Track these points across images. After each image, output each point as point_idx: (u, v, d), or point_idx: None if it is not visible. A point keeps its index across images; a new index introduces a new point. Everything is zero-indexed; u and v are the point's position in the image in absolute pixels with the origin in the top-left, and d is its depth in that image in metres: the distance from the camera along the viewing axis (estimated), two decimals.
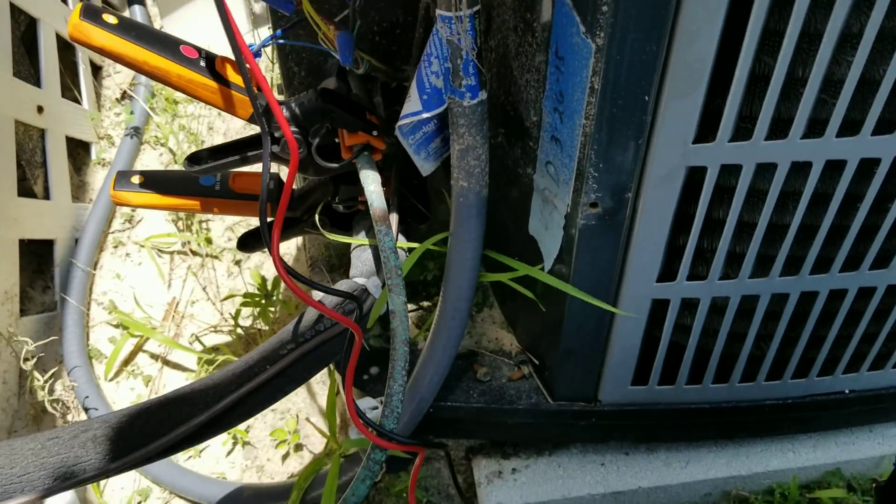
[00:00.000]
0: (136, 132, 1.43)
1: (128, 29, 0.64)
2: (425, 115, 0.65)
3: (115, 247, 1.32)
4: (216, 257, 1.28)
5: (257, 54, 0.67)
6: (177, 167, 1.42)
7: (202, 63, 0.67)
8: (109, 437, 0.67)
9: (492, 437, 0.91)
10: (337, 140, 0.74)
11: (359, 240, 0.80)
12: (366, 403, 0.83)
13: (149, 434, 0.68)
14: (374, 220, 0.69)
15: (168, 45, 0.66)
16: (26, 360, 1.05)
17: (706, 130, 0.58)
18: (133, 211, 1.36)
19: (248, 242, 0.89)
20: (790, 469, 0.89)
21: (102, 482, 1.05)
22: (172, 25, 1.58)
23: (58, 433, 0.68)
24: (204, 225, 1.32)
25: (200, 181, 0.82)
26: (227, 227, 1.32)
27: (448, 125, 0.67)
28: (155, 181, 0.81)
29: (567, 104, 0.60)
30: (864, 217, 0.64)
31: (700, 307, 0.72)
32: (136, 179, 0.81)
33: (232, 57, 0.66)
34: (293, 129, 0.72)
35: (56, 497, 0.96)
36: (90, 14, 0.63)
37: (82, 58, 1.47)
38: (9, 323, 1.08)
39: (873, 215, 0.65)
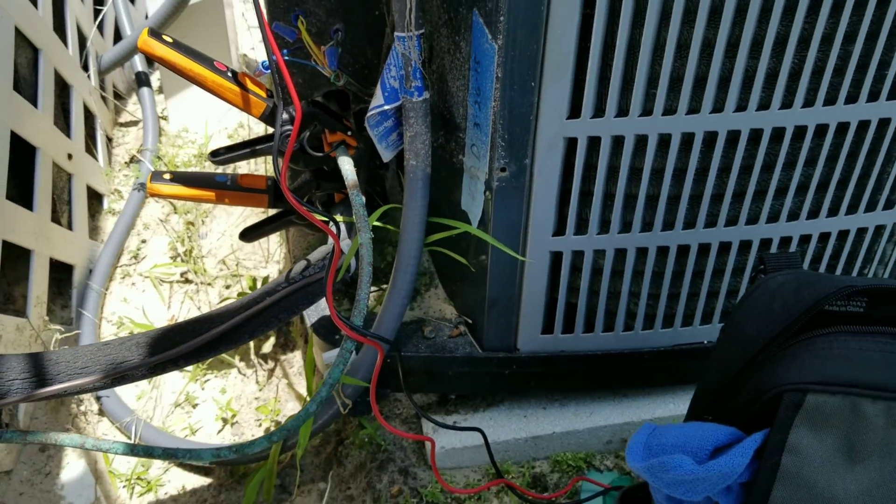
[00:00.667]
0: (142, 187, 1.69)
1: (180, 46, 0.92)
2: (386, 107, 0.92)
3: (123, 277, 1.55)
4: (210, 284, 1.51)
5: (266, 68, 0.95)
6: (176, 217, 1.67)
7: (229, 74, 0.95)
8: (148, 343, 0.89)
9: (436, 390, 1.13)
10: (321, 137, 1.01)
11: (339, 218, 1.05)
12: (335, 353, 1.06)
13: (178, 341, 0.90)
14: (349, 188, 0.95)
15: (206, 60, 0.94)
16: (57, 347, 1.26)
17: (577, 111, 0.87)
18: (138, 249, 1.59)
19: (248, 234, 1.14)
20: (672, 416, 1.12)
21: (112, 456, 1.23)
22: (176, 106, 1.88)
23: (109, 342, 0.90)
24: (200, 259, 1.55)
25: (216, 178, 1.07)
26: (218, 260, 1.56)
27: (403, 122, 0.95)
28: (181, 178, 1.07)
29: (483, 94, 0.88)
30: (690, 185, 0.92)
31: (584, 261, 0.98)
32: (167, 176, 1.06)
33: (249, 72, 0.94)
34: (288, 127, 0.99)
35: (69, 468, 1.15)
36: (154, 34, 0.91)
37: (100, 124, 1.75)
38: (38, 323, 1.29)
39: (699, 184, 0.92)
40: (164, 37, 0.91)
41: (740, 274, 1.00)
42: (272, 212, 1.14)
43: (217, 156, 1.00)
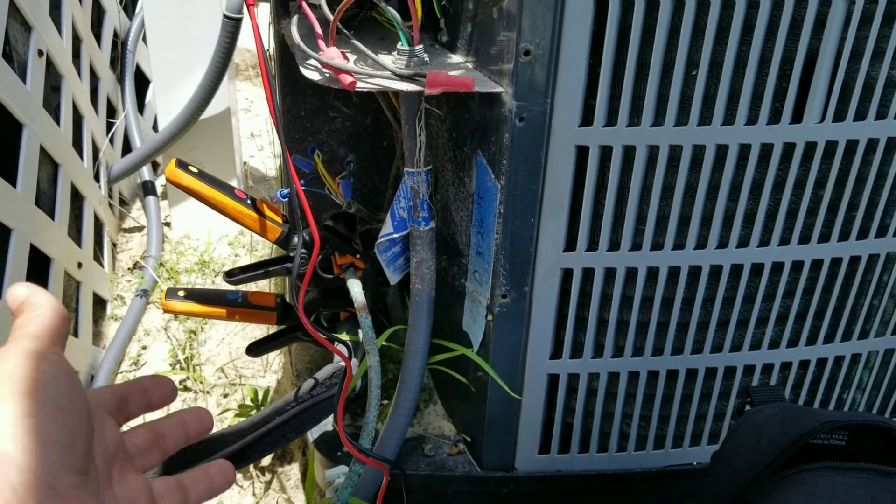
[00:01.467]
0: (145, 294, 1.74)
1: (204, 176, 0.99)
2: (395, 235, 0.99)
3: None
4: (208, 392, 1.54)
5: (284, 196, 1.02)
6: (175, 324, 1.71)
7: (248, 201, 1.01)
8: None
9: None
10: (331, 259, 1.08)
11: (344, 337, 1.10)
12: (339, 470, 1.09)
13: (191, 461, 0.93)
14: (357, 310, 1.01)
15: (227, 188, 1.00)
16: None
17: (572, 243, 0.93)
18: (139, 355, 1.63)
19: (254, 349, 1.18)
20: None
21: None
22: (179, 212, 1.95)
23: None
24: (198, 367, 1.59)
25: (228, 296, 1.13)
26: (216, 368, 1.59)
27: (409, 248, 1.02)
28: (194, 295, 1.12)
29: (485, 226, 0.94)
30: (678, 313, 0.98)
31: (580, 383, 1.02)
32: (181, 293, 1.11)
33: (260, 193, 1.01)
34: (302, 251, 1.05)
35: None
36: (181, 165, 0.98)
37: (107, 231, 1.81)
38: None
39: (685, 312, 0.98)
40: (191, 167, 0.98)
41: (726, 398, 1.05)
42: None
43: (232, 276, 1.06)
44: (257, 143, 2.30)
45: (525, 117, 0.85)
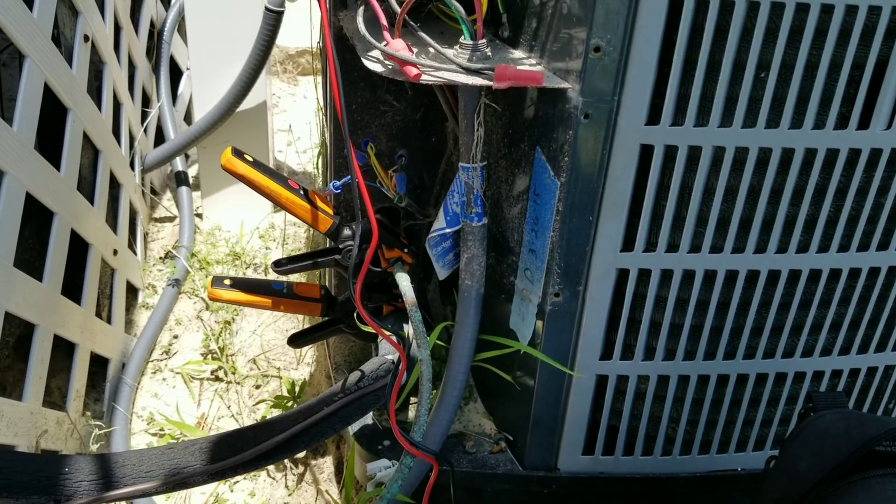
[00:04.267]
0: (177, 283, 1.74)
1: (258, 165, 0.99)
2: (448, 230, 0.98)
3: (154, 372, 1.57)
4: (239, 384, 1.54)
5: (337, 188, 1.01)
6: (207, 314, 1.71)
7: (301, 192, 1.01)
8: (211, 449, 0.92)
9: None
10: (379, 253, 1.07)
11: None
12: (381, 463, 1.08)
13: (238, 449, 0.92)
14: (407, 305, 1.00)
15: (281, 178, 1.00)
16: (94, 443, 1.27)
17: (629, 244, 0.92)
18: (170, 344, 1.62)
19: (297, 339, 1.18)
20: None
21: None
22: (212, 204, 1.95)
23: (174, 445, 0.92)
24: (230, 357, 1.58)
25: (273, 286, 1.12)
26: (248, 359, 1.59)
27: (460, 244, 1.01)
28: (240, 284, 1.11)
29: (540, 224, 0.94)
30: (732, 318, 0.97)
31: (628, 385, 1.02)
32: (227, 282, 1.11)
33: (318, 191, 1.01)
34: (349, 244, 1.04)
35: None
36: (237, 153, 0.98)
37: (141, 221, 1.81)
38: (76, 417, 1.31)
39: (740, 317, 0.97)
40: (246, 156, 0.98)
41: (775, 404, 1.04)
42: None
43: (280, 266, 1.05)
44: (285, 139, 2.30)
45: (590, 114, 0.84)
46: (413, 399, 1.19)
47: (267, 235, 1.93)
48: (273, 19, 1.62)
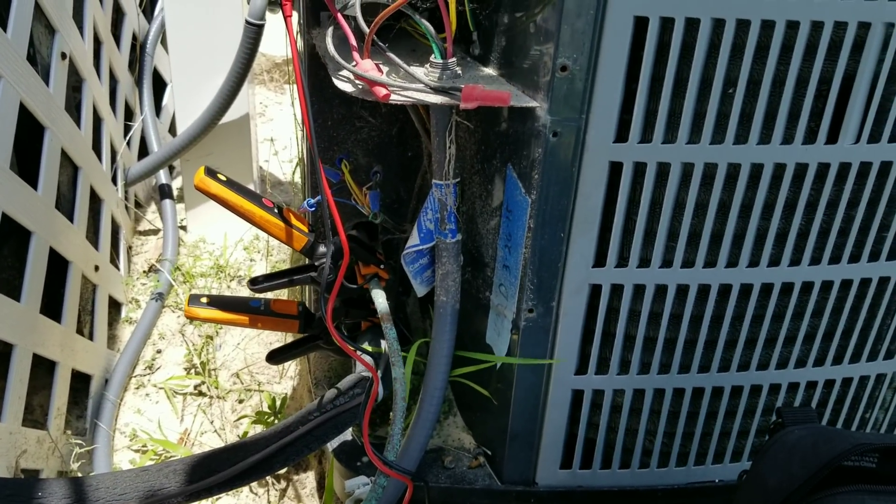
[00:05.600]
0: (160, 297, 1.73)
1: (232, 184, 0.99)
2: (422, 247, 0.99)
3: (137, 388, 1.57)
4: (223, 398, 1.54)
5: (311, 206, 1.01)
6: (191, 328, 1.70)
7: (275, 210, 1.01)
8: (186, 471, 0.92)
9: None
10: (355, 269, 1.07)
11: (364, 347, 1.10)
12: (359, 480, 1.08)
13: (213, 470, 0.92)
14: (382, 321, 1.00)
15: (255, 197, 1.00)
16: (75, 461, 1.27)
17: (602, 259, 0.93)
18: (153, 359, 1.62)
19: (275, 356, 1.18)
20: None
21: None
22: (196, 216, 1.95)
23: (148, 467, 0.92)
24: (213, 372, 1.58)
25: (250, 303, 1.12)
26: (231, 373, 1.59)
27: (436, 260, 1.01)
28: (218, 302, 1.11)
29: (513, 240, 0.94)
30: (706, 331, 0.97)
31: (604, 399, 1.02)
32: (204, 300, 1.11)
33: (293, 209, 1.01)
34: (324, 261, 1.04)
35: None
36: (210, 172, 0.98)
37: (123, 235, 1.80)
38: (57, 435, 1.31)
39: (714, 330, 0.98)
40: (219, 175, 0.98)
41: (751, 416, 1.05)
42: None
43: (256, 284, 1.05)
44: (271, 148, 2.30)
45: (559, 132, 0.84)
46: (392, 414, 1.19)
47: (251, 247, 1.93)
48: (253, 32, 1.62)
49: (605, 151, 0.86)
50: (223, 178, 0.98)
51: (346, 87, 0.87)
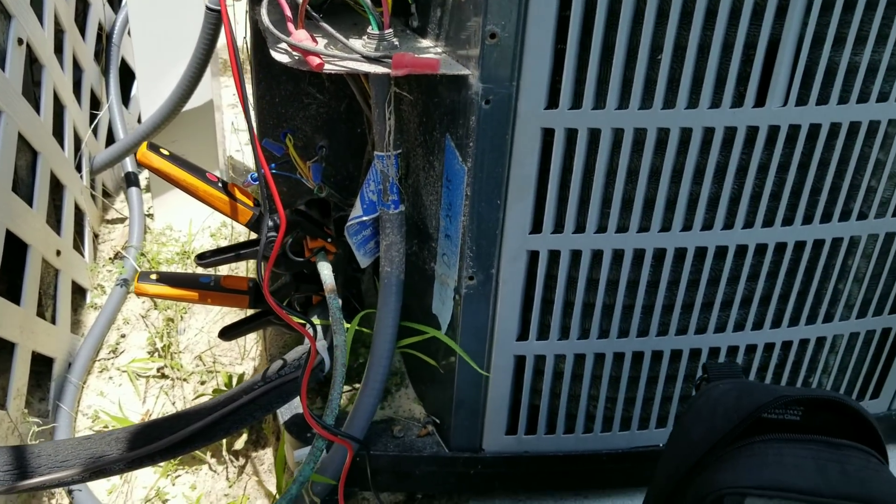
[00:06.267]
0: (125, 283, 1.74)
1: (175, 159, 1.00)
2: (364, 218, 1.00)
3: (101, 371, 1.58)
4: (185, 380, 1.55)
5: (255, 180, 1.02)
6: (156, 313, 1.71)
7: (220, 184, 1.02)
8: (126, 439, 0.93)
9: (404, 489, 1.16)
10: (303, 243, 1.09)
11: (316, 320, 1.11)
12: (306, 451, 1.10)
13: (155, 437, 0.94)
14: (326, 292, 1.02)
15: (199, 171, 1.01)
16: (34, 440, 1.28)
17: (538, 226, 0.94)
18: (117, 343, 1.63)
19: (227, 332, 1.19)
20: None
21: None
22: (162, 204, 1.95)
23: (89, 436, 0.93)
24: (177, 354, 1.59)
25: (200, 279, 1.13)
26: (195, 355, 1.60)
27: (380, 232, 1.03)
28: (167, 278, 1.12)
29: (453, 209, 0.96)
30: (643, 296, 0.99)
31: (546, 365, 1.04)
32: (153, 276, 1.12)
33: (238, 183, 1.02)
34: (271, 234, 1.06)
35: None
36: (153, 147, 0.99)
37: (88, 221, 1.81)
38: (17, 416, 1.32)
39: (651, 295, 1.00)
40: (162, 150, 0.99)
41: (691, 380, 1.07)
42: (251, 311, 1.20)
43: (203, 258, 1.07)
44: (243, 138, 2.31)
45: (491, 100, 0.86)
46: (346, 388, 1.21)
47: (218, 234, 1.93)
48: (214, 19, 1.63)
49: (537, 118, 0.87)
50: (166, 153, 0.99)
51: (283, 59, 0.88)
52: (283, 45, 0.90)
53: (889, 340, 1.13)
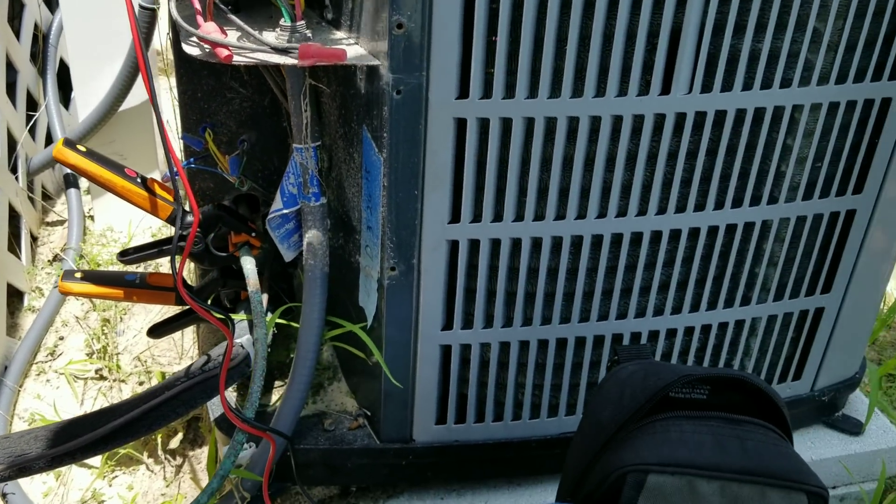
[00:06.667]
0: None
1: (93, 155, 0.99)
2: (285, 211, 1.00)
3: (38, 374, 1.56)
4: (123, 381, 1.54)
5: (176, 173, 1.02)
6: (95, 314, 1.69)
7: (138, 180, 1.02)
8: (47, 437, 0.92)
9: (337, 482, 1.17)
10: (227, 238, 1.08)
11: (238, 316, 1.11)
12: None
13: (76, 434, 0.93)
14: (249, 286, 1.02)
15: (117, 167, 1.01)
16: None
17: (457, 215, 0.95)
18: (55, 345, 1.61)
19: (156, 330, 1.19)
20: None
21: None
22: (102, 206, 1.93)
23: (9, 435, 0.93)
24: (115, 356, 1.58)
25: (126, 277, 1.13)
26: (134, 356, 1.58)
27: (302, 225, 1.03)
28: (92, 276, 1.11)
29: (373, 200, 0.96)
30: (563, 284, 1.01)
31: (472, 354, 1.05)
32: (78, 275, 1.11)
33: (158, 178, 1.02)
34: (197, 230, 1.05)
35: None
36: (69, 144, 0.98)
37: (25, 224, 1.79)
38: None
39: (571, 283, 1.01)
40: (79, 146, 0.98)
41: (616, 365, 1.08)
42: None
43: (126, 255, 1.06)
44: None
45: (402, 90, 0.87)
46: (278, 383, 1.21)
47: (159, 233, 1.92)
48: (147, 16, 1.62)
49: (448, 108, 0.88)
50: (83, 149, 0.98)
51: (194, 51, 0.88)
52: (195, 39, 0.90)
53: (807, 322, 1.16)
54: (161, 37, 1.74)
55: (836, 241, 1.10)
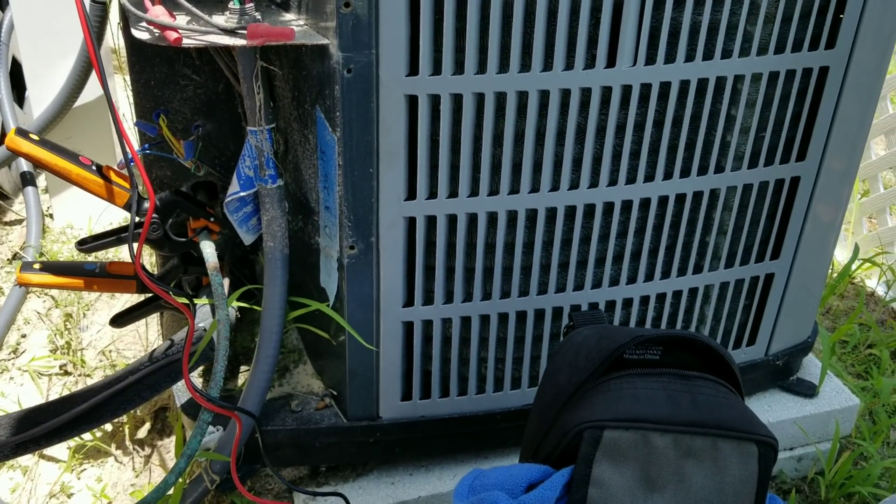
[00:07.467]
0: None
1: (45, 143, 0.99)
2: (242, 194, 1.01)
3: (1, 372, 1.54)
4: (89, 376, 1.53)
5: (131, 159, 1.02)
6: (57, 311, 1.68)
7: (94, 167, 1.02)
8: (10, 424, 0.92)
9: (306, 462, 1.18)
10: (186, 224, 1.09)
11: (199, 300, 1.12)
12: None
13: (39, 422, 0.93)
14: (209, 270, 1.02)
15: (71, 155, 1.01)
16: None
17: (413, 193, 0.97)
18: (18, 343, 1.60)
19: (119, 319, 1.19)
20: None
21: None
22: (61, 203, 1.92)
23: None
24: (80, 351, 1.57)
25: (85, 266, 1.13)
26: (98, 351, 1.58)
27: (260, 207, 1.04)
28: (51, 267, 1.11)
29: (329, 180, 0.97)
30: (519, 258, 1.03)
31: (434, 330, 1.07)
32: (37, 266, 1.11)
33: (114, 166, 1.02)
34: (154, 216, 1.06)
35: None
36: (21, 133, 0.98)
37: None
38: None
39: (527, 256, 1.03)
40: (31, 135, 0.98)
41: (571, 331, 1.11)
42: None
43: (84, 244, 1.06)
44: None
45: (352, 69, 0.88)
46: (244, 368, 1.22)
47: None
48: (99, 10, 1.61)
49: (399, 85, 0.90)
50: (35, 138, 0.98)
51: (143, 36, 0.89)
52: (144, 24, 0.90)
53: (758, 288, 1.20)
54: (116, 36, 1.73)
55: (783, 209, 1.13)
